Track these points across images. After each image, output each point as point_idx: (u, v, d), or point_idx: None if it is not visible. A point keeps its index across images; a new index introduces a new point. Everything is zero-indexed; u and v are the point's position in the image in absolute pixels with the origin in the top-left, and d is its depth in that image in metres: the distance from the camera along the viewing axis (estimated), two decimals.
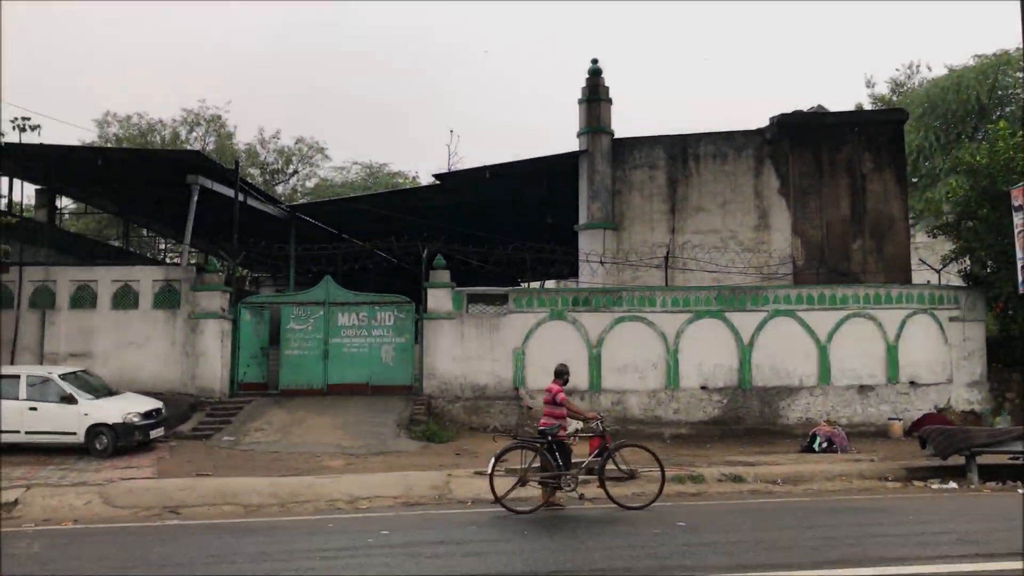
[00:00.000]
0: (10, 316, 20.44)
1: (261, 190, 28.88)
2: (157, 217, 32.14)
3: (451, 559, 8.44)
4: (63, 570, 8.09)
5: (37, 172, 25.10)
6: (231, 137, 46.20)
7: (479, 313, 20.67)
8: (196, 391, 20.03)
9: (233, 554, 8.80)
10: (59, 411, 16.18)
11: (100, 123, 44.56)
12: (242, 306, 21.19)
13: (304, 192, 47.73)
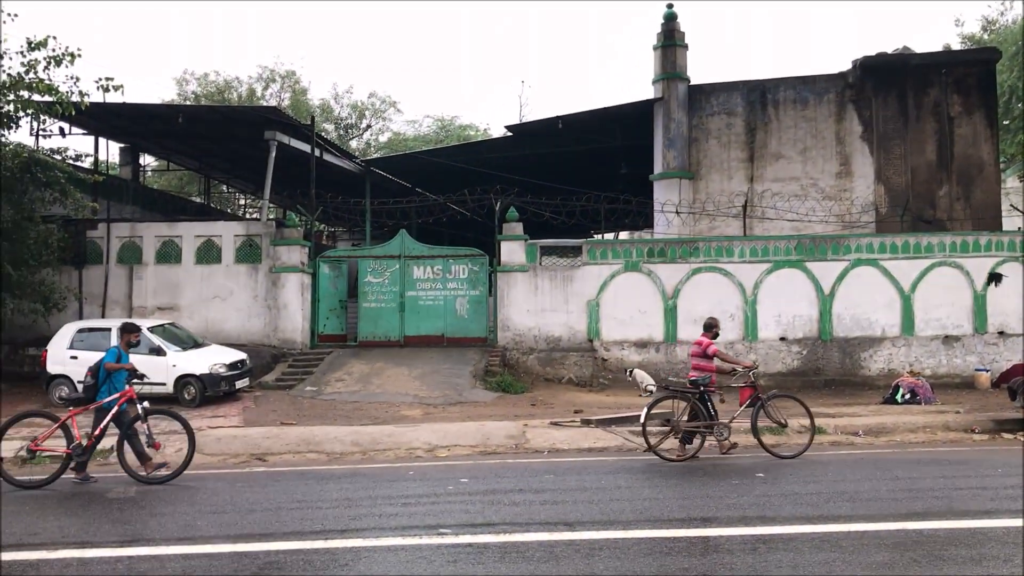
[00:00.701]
0: (99, 271, 21.21)
1: (336, 145, 29.15)
2: (236, 173, 32.77)
3: (530, 507, 8.54)
4: (158, 513, 8.45)
5: (121, 130, 25.78)
6: (305, 93, 46.72)
7: (552, 265, 20.67)
8: (278, 343, 20.56)
9: (318, 500, 9.06)
10: (149, 362, 16.71)
11: (179, 81, 45.54)
12: (320, 260, 21.58)
13: (377, 146, 48.12)
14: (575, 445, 12.68)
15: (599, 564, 6.47)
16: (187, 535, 7.51)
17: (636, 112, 24.43)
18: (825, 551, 6.77)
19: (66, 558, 6.79)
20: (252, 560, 6.65)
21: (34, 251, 19.00)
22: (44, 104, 18.83)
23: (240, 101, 43.34)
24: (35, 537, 7.50)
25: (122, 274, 21.21)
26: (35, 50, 18.26)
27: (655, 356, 20.05)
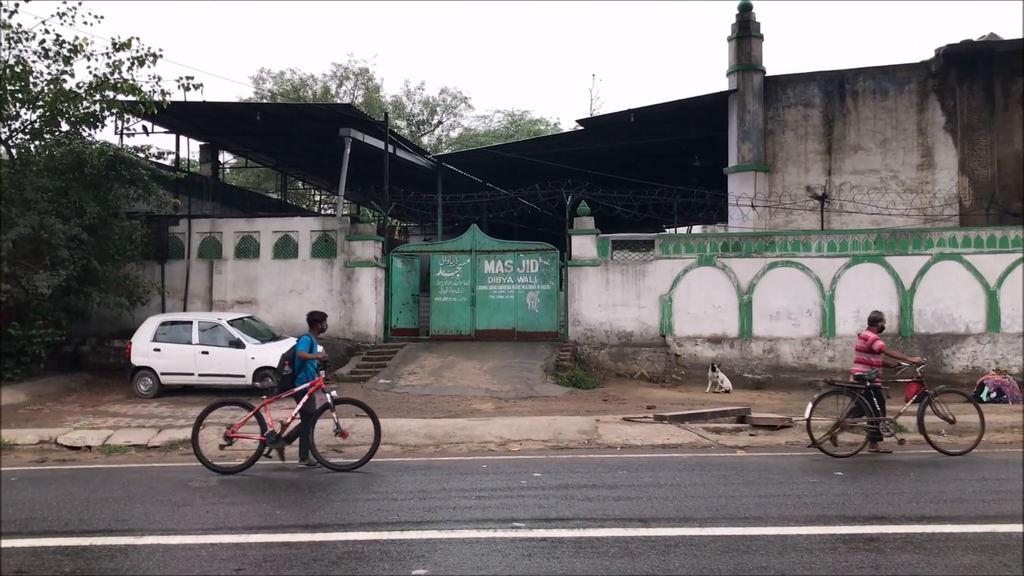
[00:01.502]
0: (181, 266, 21.83)
1: (409, 141, 29.45)
2: (312, 169, 33.38)
3: (603, 502, 8.51)
4: (239, 501, 8.66)
5: (201, 128, 26.47)
6: (378, 90, 47.29)
7: (624, 260, 20.54)
8: (352, 336, 20.88)
9: (393, 491, 9.17)
10: (228, 355, 17.20)
11: (256, 80, 46.52)
12: (393, 255, 21.84)
13: (448, 142, 48.44)
14: (648, 441, 12.59)
15: (675, 561, 6.42)
16: (266, 524, 7.69)
17: (710, 104, 24.10)
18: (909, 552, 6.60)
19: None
20: (331, 549, 6.77)
21: (119, 246, 19.64)
22: (128, 103, 19.45)
23: (315, 99, 44.06)
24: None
25: (203, 269, 21.79)
26: (119, 51, 18.85)
27: (729, 352, 19.76)
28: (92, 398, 17.27)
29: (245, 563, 6.44)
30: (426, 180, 28.43)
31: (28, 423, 14.03)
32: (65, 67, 18.76)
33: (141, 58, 18.91)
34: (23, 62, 18.36)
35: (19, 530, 7.47)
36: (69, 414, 15.15)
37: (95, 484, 9.63)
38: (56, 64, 18.69)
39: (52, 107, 18.60)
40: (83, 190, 18.58)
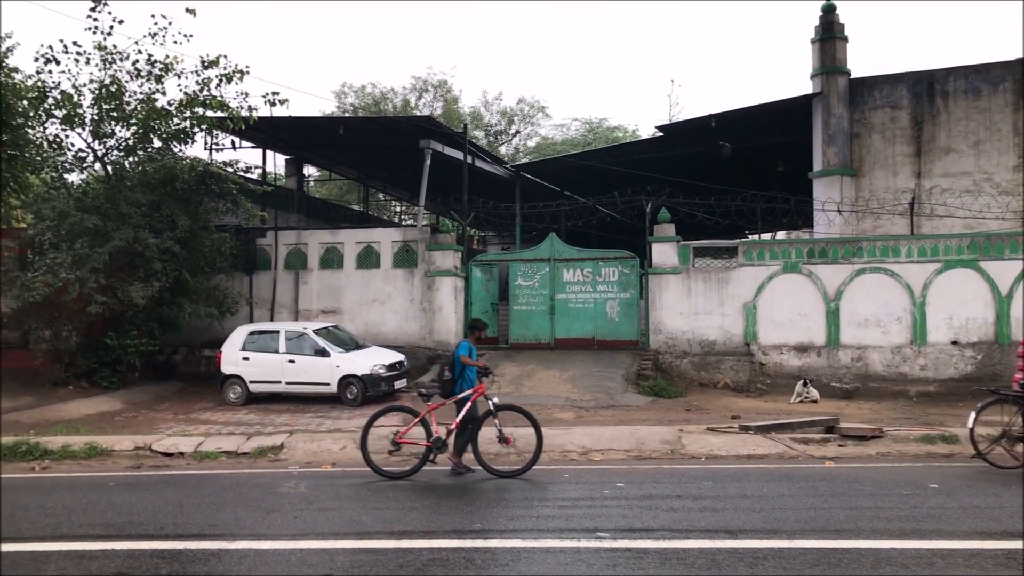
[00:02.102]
0: (268, 277, 22.38)
1: (487, 151, 29.66)
2: (392, 181, 33.89)
3: (688, 513, 8.37)
4: (326, 508, 8.79)
5: (286, 143, 27.13)
6: (456, 101, 47.77)
7: (706, 267, 20.26)
8: (433, 344, 21.07)
9: (475, 498, 9.20)
10: (314, 363, 17.54)
11: (338, 94, 47.54)
12: (472, 264, 21.99)
13: (526, 151, 48.62)
14: (733, 452, 12.36)
15: (764, 573, 6.27)
16: (353, 530, 7.79)
17: (793, 108, 23.62)
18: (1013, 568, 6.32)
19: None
20: (416, 556, 6.82)
21: (209, 258, 20.26)
22: (216, 119, 20.06)
23: (395, 112, 44.77)
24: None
25: (289, 279, 22.30)
26: (208, 68, 19.48)
27: (816, 360, 19.30)
28: (184, 406, 17.81)
29: (333, 568, 6.53)
30: (504, 189, 28.58)
31: (124, 430, 14.53)
32: (157, 85, 19.48)
33: (229, 75, 19.51)
34: (118, 82, 19.12)
35: (117, 533, 7.73)
36: (162, 421, 15.64)
37: (188, 489, 9.91)
38: (148, 83, 19.41)
39: (145, 124, 19.32)
40: (175, 204, 19.23)
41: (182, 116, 19.77)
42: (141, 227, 18.11)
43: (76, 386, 18.35)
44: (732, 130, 24.73)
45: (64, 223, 17.91)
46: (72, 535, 7.68)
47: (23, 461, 11.88)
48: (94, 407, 16.89)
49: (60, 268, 17.15)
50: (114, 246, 17.63)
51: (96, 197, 18.98)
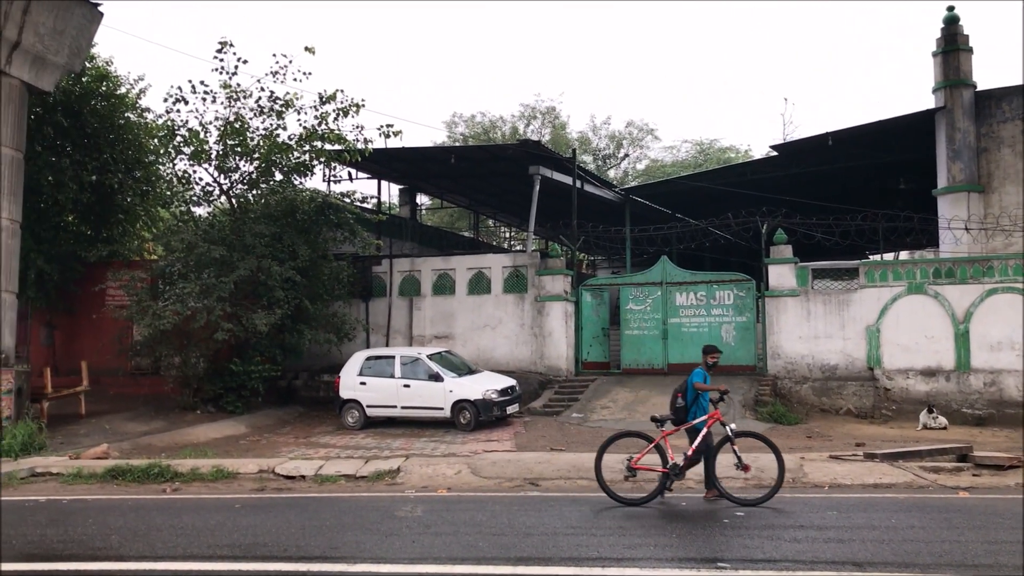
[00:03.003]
0: (383, 303, 22.88)
1: (596, 175, 29.64)
2: (502, 207, 34.24)
3: (812, 544, 8.07)
4: (443, 532, 8.85)
5: (400, 173, 27.79)
6: (564, 127, 48.01)
7: (825, 289, 19.63)
8: (544, 370, 21.08)
9: (592, 527, 9.10)
10: (428, 388, 17.77)
11: (448, 124, 48.46)
12: (583, 288, 21.93)
13: (635, 175, 48.40)
14: (858, 480, 11.86)
15: None
16: (471, 555, 7.81)
17: (914, 124, 22.76)
18: None
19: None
20: None
21: (328, 286, 20.86)
22: (334, 152, 20.73)
23: (504, 139, 45.32)
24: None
25: (403, 305, 22.74)
26: (325, 104, 20.19)
27: (945, 385, 18.39)
28: (304, 429, 18.30)
29: None
30: (613, 213, 28.47)
31: (248, 453, 15.02)
32: (278, 121, 20.29)
33: (345, 109, 20.16)
34: (241, 118, 20.00)
35: (244, 554, 7.97)
36: (284, 445, 16.11)
37: (309, 512, 10.14)
38: (270, 119, 20.23)
39: (267, 159, 20.12)
40: (295, 234, 19.90)
41: (302, 150, 20.52)
42: (264, 257, 18.78)
43: (204, 411, 19.10)
44: (850, 148, 24.01)
45: (192, 254, 18.76)
46: (201, 555, 7.95)
47: (155, 483, 12.40)
48: (220, 431, 17.53)
49: (189, 297, 17.94)
50: (239, 275, 18.34)
51: (222, 229, 19.82)
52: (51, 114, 20.03)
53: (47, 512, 10.42)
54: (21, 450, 14.15)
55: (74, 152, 20.77)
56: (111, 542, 8.57)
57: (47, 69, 17.00)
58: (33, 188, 18.77)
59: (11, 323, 16.54)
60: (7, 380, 15.63)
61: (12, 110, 16.39)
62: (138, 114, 22.65)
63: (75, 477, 12.64)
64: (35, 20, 16.13)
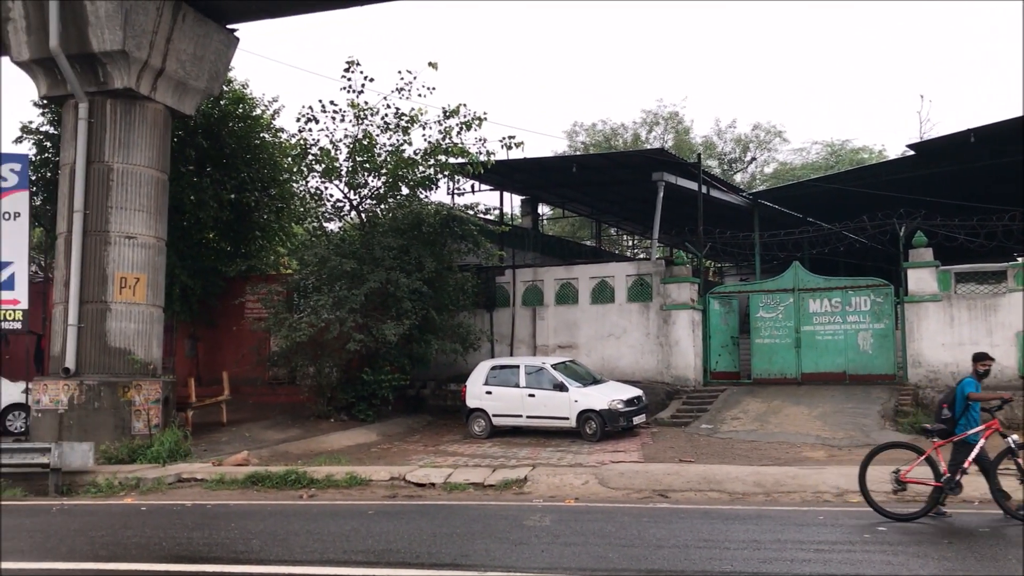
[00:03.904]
0: (507, 313, 23.03)
1: (722, 180, 29.08)
2: (624, 215, 34.00)
3: (963, 562, 7.62)
4: (572, 543, 8.80)
5: (521, 183, 27.97)
6: (688, 132, 47.34)
7: (970, 293, 18.59)
8: (671, 380, 20.74)
9: (724, 539, 8.85)
10: (553, 398, 17.75)
11: (569, 133, 48.53)
12: (710, 296, 21.49)
13: (762, 178, 47.25)
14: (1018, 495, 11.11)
15: None
16: (600, 566, 7.73)
17: None
18: None
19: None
20: None
21: (453, 297, 21.17)
22: (457, 165, 21.06)
23: (625, 147, 45.02)
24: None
25: (526, 315, 22.83)
26: (449, 118, 20.56)
27: None
28: (433, 438, 18.60)
29: None
30: (740, 218, 27.83)
31: (379, 461, 15.38)
32: (404, 136, 20.78)
33: (468, 123, 20.48)
34: (369, 135, 20.58)
35: (377, 560, 8.13)
36: (414, 453, 16.41)
37: (439, 520, 10.27)
38: (396, 134, 20.74)
39: (394, 173, 20.64)
40: (422, 247, 20.29)
41: (427, 164, 20.95)
42: (392, 269, 19.22)
43: (337, 419, 19.67)
44: (995, 144, 22.67)
45: (325, 268, 19.38)
46: (337, 560, 8.16)
47: (292, 489, 12.84)
48: (353, 439, 18.01)
49: (322, 309, 18.53)
50: (369, 287, 18.83)
51: (352, 243, 20.42)
52: (192, 136, 21.11)
53: (193, 516, 10.93)
54: (168, 457, 14.90)
55: (214, 172, 21.84)
56: (252, 546, 8.90)
57: (188, 94, 17.95)
58: (176, 207, 19.80)
59: (158, 336, 17.50)
60: (155, 390, 16.51)
61: (157, 134, 17.38)
62: (272, 134, 23.63)
63: (218, 483, 13.23)
64: (177, 48, 17.07)
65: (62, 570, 8.08)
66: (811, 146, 48.16)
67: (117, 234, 16.57)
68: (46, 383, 16.14)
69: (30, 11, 16.06)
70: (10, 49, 16.54)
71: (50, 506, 12.12)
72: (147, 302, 16.96)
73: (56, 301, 16.78)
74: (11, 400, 18.93)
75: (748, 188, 39.12)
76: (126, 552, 8.70)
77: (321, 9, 18.45)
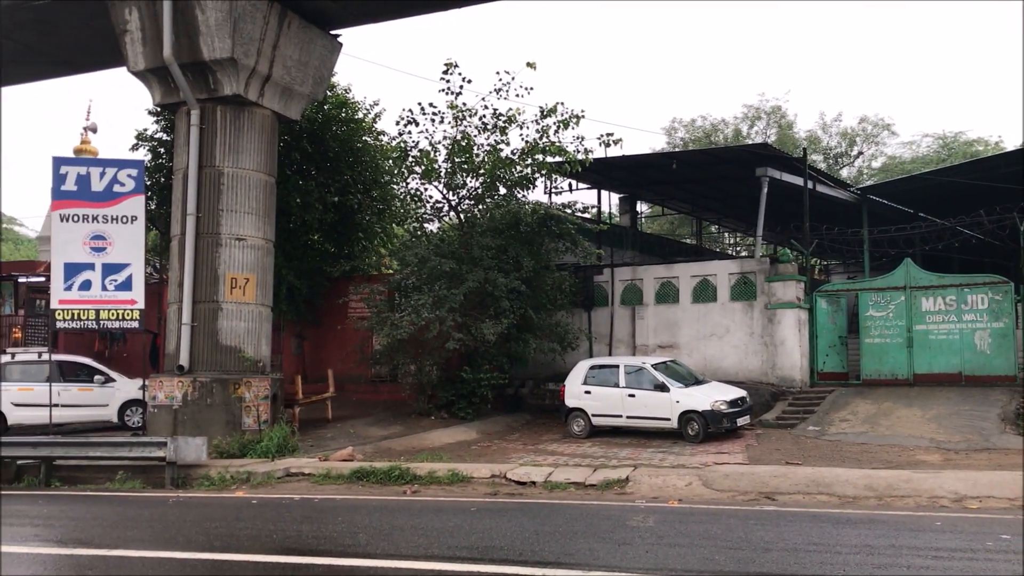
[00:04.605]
0: (605, 313, 22.88)
1: (829, 175, 28.23)
2: (726, 212, 33.37)
3: None
4: (677, 544, 8.65)
5: (619, 181, 27.74)
6: (791, 127, 46.21)
7: None
8: (775, 380, 20.25)
9: (835, 544, 8.57)
10: (653, 398, 17.53)
11: (667, 130, 47.94)
12: (817, 294, 20.89)
13: (869, 173, 45.75)
14: None
15: None
16: (707, 568, 7.58)
17: None
18: None
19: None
20: None
21: (551, 296, 21.15)
22: (555, 164, 21.02)
23: (726, 142, 44.21)
24: None
25: (625, 314, 22.62)
26: (546, 117, 20.53)
27: None
28: (531, 437, 18.62)
29: None
30: (847, 214, 26.97)
31: (480, 459, 15.47)
32: (501, 137, 20.84)
33: (566, 121, 20.41)
34: (467, 136, 20.73)
35: (481, 556, 8.16)
36: (513, 451, 16.44)
37: (541, 518, 10.26)
38: (493, 135, 20.83)
39: (491, 174, 20.73)
40: (519, 246, 20.34)
41: (524, 164, 20.97)
42: (491, 269, 19.32)
43: (437, 416, 19.89)
44: None
45: (425, 268, 19.62)
46: (442, 556, 8.23)
47: (396, 485, 13.03)
48: (453, 436, 18.18)
49: (423, 308, 18.76)
50: (468, 287, 18.97)
51: (451, 243, 20.61)
52: (298, 141, 21.67)
53: (301, 510, 11.21)
54: (277, 452, 15.33)
55: (318, 175, 22.38)
56: (359, 540, 9.07)
57: (294, 99, 18.43)
58: (283, 210, 20.37)
59: (267, 334, 18.03)
60: (264, 387, 17.01)
61: (265, 138, 17.91)
62: (374, 137, 24.06)
63: (324, 478, 13.54)
64: (283, 54, 17.55)
65: (181, 559, 8.39)
66: (921, 139, 46.34)
67: (228, 236, 17.14)
68: (161, 380, 16.81)
69: (145, 23, 16.76)
70: (127, 60, 17.29)
71: (167, 498, 12.63)
72: (256, 302, 17.50)
73: (170, 301, 17.47)
74: (128, 397, 19.75)
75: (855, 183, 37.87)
76: (240, 544, 8.98)
77: (422, 12, 18.69)
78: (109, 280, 17.08)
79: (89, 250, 17.04)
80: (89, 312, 17.09)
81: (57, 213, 17.15)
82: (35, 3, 17.16)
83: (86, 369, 20.06)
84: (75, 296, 17.00)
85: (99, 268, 17.08)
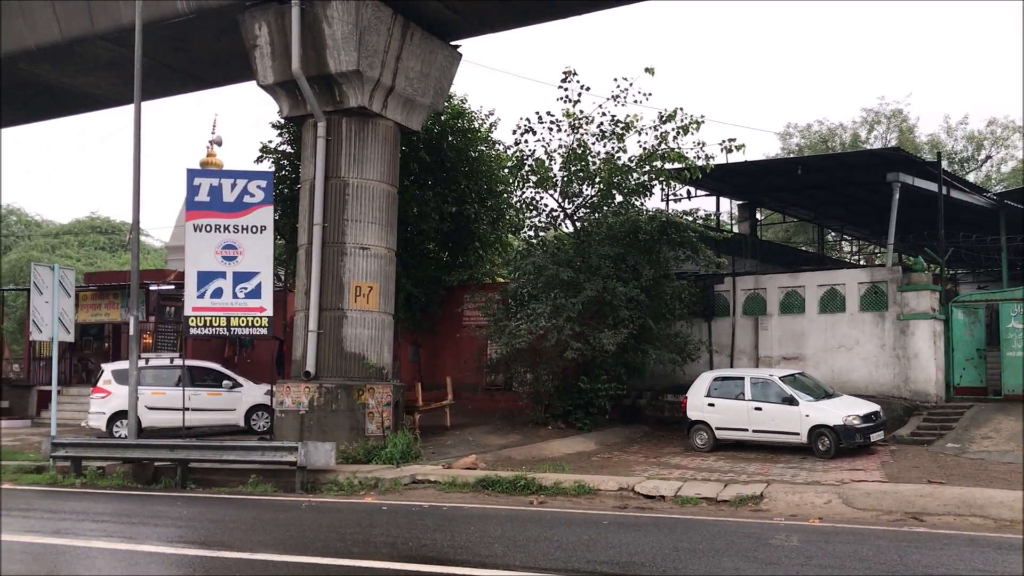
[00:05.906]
0: (726, 323, 22.28)
1: (965, 180, 26.87)
2: (849, 220, 32.20)
3: None
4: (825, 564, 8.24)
5: (739, 188, 27.06)
6: (912, 130, 44.42)
7: None
8: (908, 395, 19.34)
9: (1004, 572, 8.01)
10: (781, 411, 16.90)
11: (782, 135, 46.65)
12: (953, 305, 19.87)
13: (998, 178, 43.48)
14: None
15: None
16: None
17: None
18: None
19: None
20: None
21: (670, 306, 20.71)
22: (673, 171, 20.63)
23: (843, 147, 42.72)
24: None
25: (747, 325, 21.97)
26: (665, 123, 20.21)
27: None
28: (652, 449, 18.23)
29: None
30: (981, 222, 25.61)
31: (603, 470, 15.20)
32: (619, 144, 20.59)
33: (685, 127, 20.05)
34: (583, 144, 20.57)
35: (623, 572, 7.94)
36: (635, 464, 16.11)
37: (677, 533, 9.95)
38: (610, 142, 20.60)
39: (607, 182, 20.50)
40: (638, 255, 20.01)
41: (641, 171, 20.66)
42: (609, 277, 19.06)
43: (554, 426, 19.71)
44: None
45: (542, 276, 19.50)
46: (582, 570, 8.05)
47: (522, 495, 12.92)
48: (571, 447, 17.96)
49: (540, 317, 18.63)
50: (586, 296, 18.76)
51: (567, 252, 20.41)
52: (416, 151, 21.90)
53: (432, 517, 11.21)
54: (401, 458, 15.44)
55: (435, 185, 22.56)
56: (495, 550, 8.97)
57: (415, 110, 18.64)
58: (400, 219, 20.56)
59: (389, 342, 18.26)
60: (387, 393, 17.19)
61: (387, 149, 18.16)
62: (489, 146, 24.13)
63: (450, 485, 13.54)
64: (405, 66, 17.76)
65: (323, 564, 8.43)
66: None
67: (352, 245, 17.43)
68: (288, 385, 17.18)
69: (274, 37, 17.22)
70: (256, 74, 17.81)
71: (299, 502, 12.84)
72: (379, 309, 17.73)
73: (297, 308, 17.85)
74: (255, 402, 20.29)
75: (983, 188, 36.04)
76: (378, 551, 8.98)
77: (541, 20, 18.64)
78: (240, 288, 17.58)
79: (221, 259, 17.59)
80: (220, 319, 17.62)
81: (191, 223, 17.77)
82: (171, 21, 17.84)
83: (213, 374, 20.73)
84: (207, 304, 17.56)
85: (230, 276, 17.60)
